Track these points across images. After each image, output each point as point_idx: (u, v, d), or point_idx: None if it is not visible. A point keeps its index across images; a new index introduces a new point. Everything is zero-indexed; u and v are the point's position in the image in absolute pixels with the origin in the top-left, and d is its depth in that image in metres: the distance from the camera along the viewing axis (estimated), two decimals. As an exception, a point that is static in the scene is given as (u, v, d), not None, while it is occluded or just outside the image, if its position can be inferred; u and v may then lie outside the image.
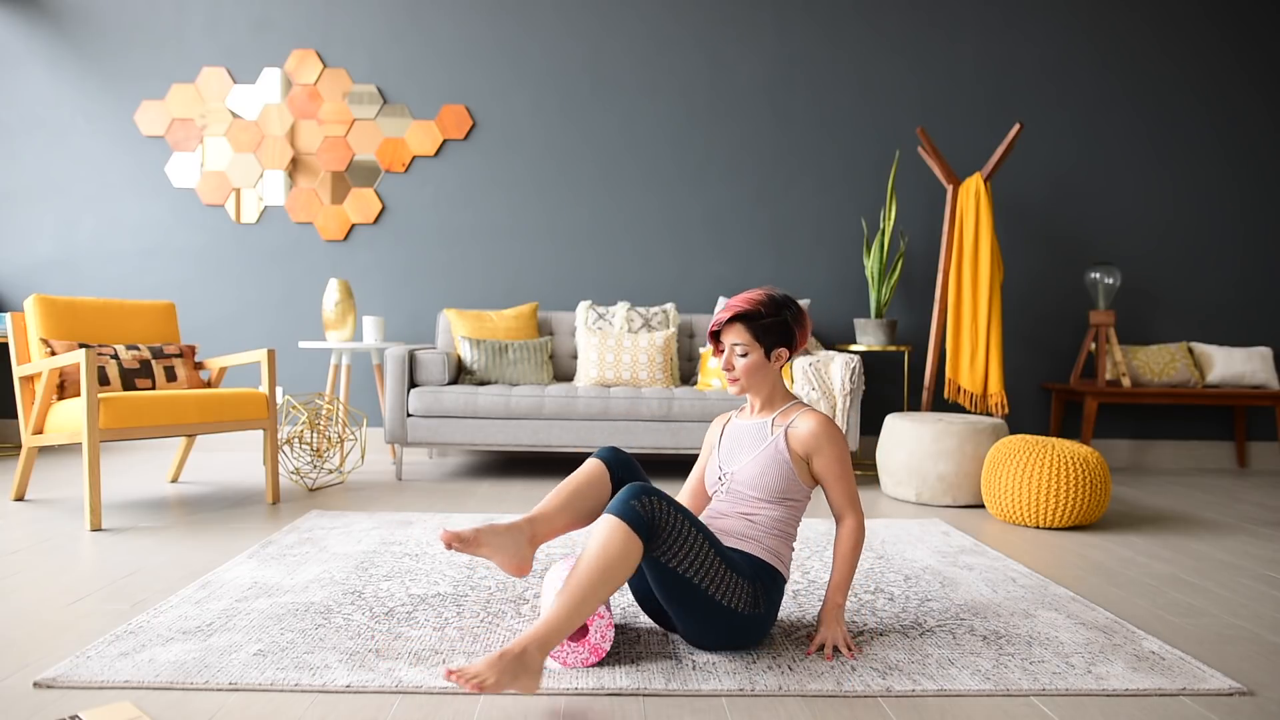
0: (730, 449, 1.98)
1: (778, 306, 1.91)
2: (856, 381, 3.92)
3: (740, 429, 1.99)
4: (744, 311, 1.89)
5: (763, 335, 1.89)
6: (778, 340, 1.90)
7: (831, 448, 1.89)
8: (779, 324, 1.90)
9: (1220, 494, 4.00)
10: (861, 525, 1.92)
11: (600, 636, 1.73)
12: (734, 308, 1.90)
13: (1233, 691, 1.67)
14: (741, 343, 1.89)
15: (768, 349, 1.90)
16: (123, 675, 1.65)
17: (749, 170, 4.82)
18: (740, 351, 1.90)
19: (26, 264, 4.74)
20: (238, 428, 3.31)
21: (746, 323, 1.89)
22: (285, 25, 4.74)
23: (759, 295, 1.91)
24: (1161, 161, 4.88)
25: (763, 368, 1.91)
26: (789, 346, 1.92)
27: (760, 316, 1.88)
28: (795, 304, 1.94)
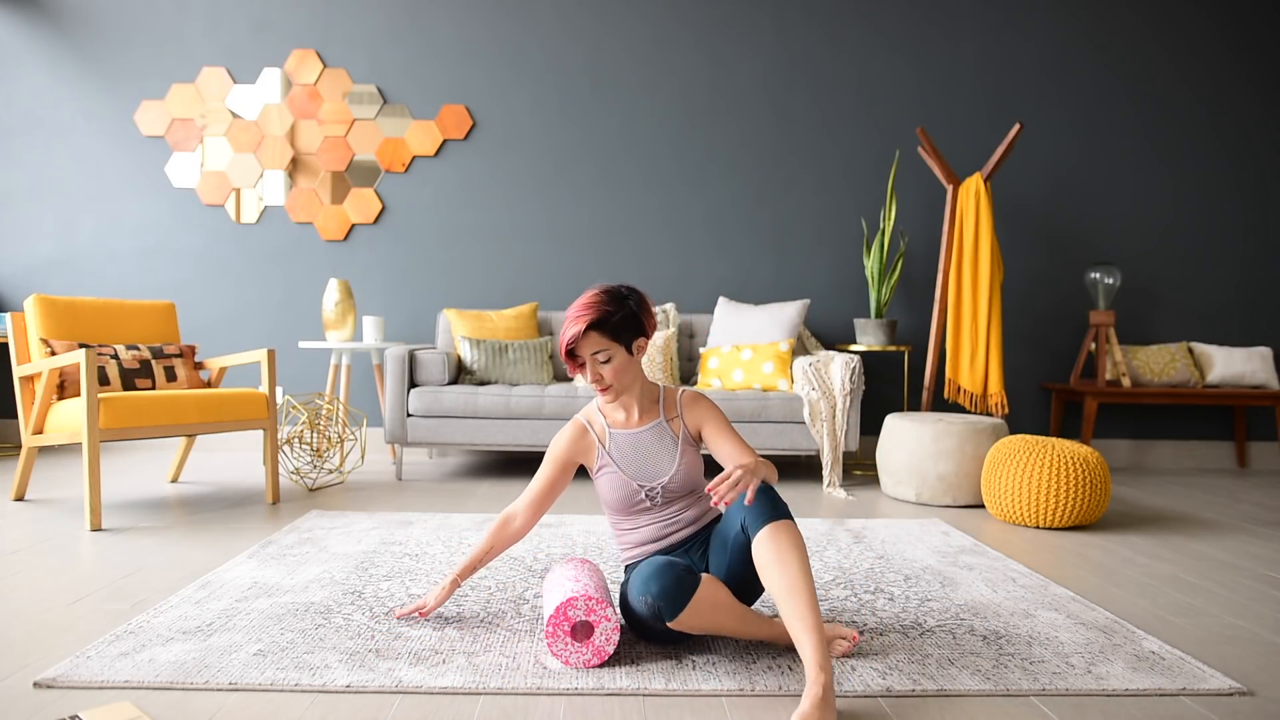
0: (638, 463, 1.92)
1: (620, 300, 1.86)
2: (856, 381, 3.92)
3: (637, 440, 1.93)
4: (595, 319, 1.82)
5: (618, 333, 1.85)
6: (633, 332, 1.87)
7: (711, 410, 1.93)
8: (627, 316, 1.86)
9: (1220, 494, 4.00)
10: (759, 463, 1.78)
11: (605, 639, 1.73)
12: (582, 318, 1.83)
13: (1233, 691, 1.67)
14: (602, 349, 1.84)
15: (627, 345, 1.87)
16: (123, 675, 1.65)
17: (749, 170, 4.82)
18: (604, 358, 1.85)
19: (26, 264, 4.74)
20: (238, 428, 3.31)
21: (600, 329, 1.83)
22: (285, 25, 4.74)
23: (597, 296, 1.86)
24: (1161, 161, 4.88)
25: (629, 364, 1.89)
26: (644, 334, 1.90)
27: (610, 317, 1.84)
28: (632, 290, 1.90)
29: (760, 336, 4.22)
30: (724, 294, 4.81)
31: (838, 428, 3.91)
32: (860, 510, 3.47)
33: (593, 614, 1.72)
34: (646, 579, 1.71)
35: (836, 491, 3.82)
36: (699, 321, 4.59)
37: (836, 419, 3.91)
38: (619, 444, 1.95)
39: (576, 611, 1.72)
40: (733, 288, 4.82)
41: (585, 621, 1.73)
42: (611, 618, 1.74)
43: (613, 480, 1.93)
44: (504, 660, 1.77)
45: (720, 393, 3.96)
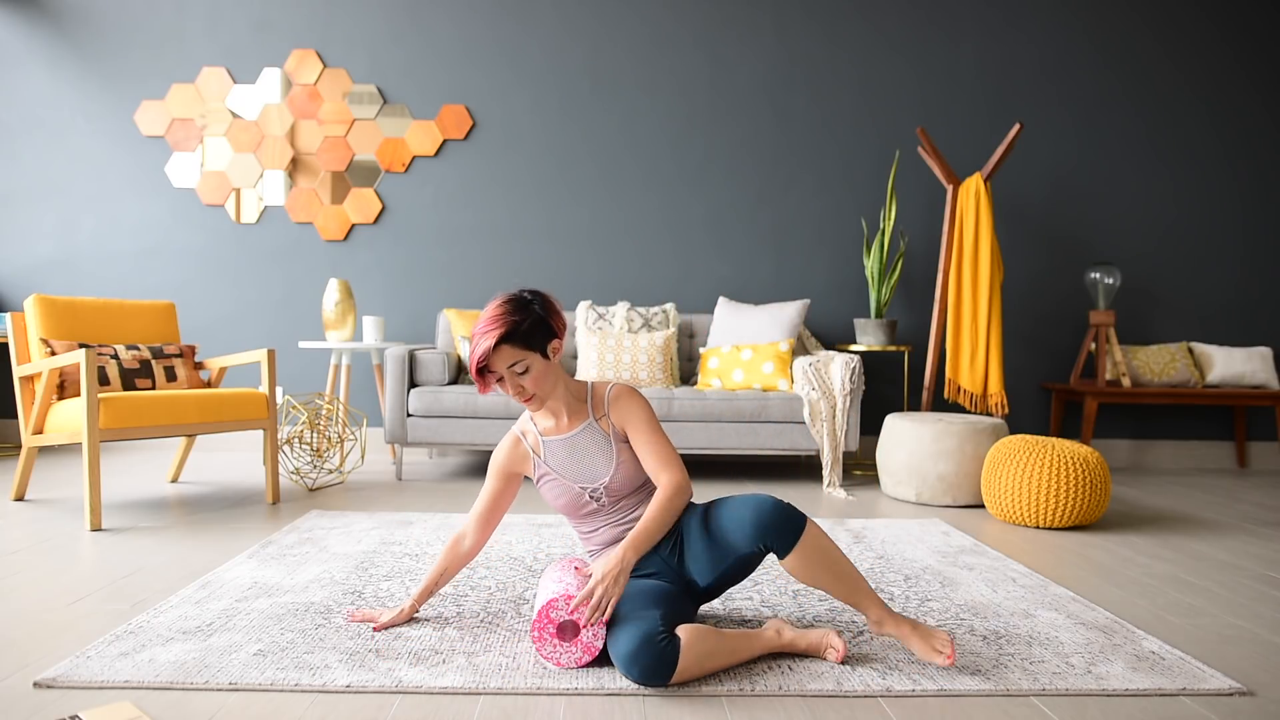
0: (575, 468, 1.88)
1: (525, 306, 1.80)
2: (856, 381, 3.92)
3: (571, 444, 1.89)
4: (504, 331, 1.75)
5: (530, 341, 1.78)
6: (545, 336, 1.81)
7: (636, 410, 1.87)
8: (535, 322, 1.79)
9: (1220, 494, 4.00)
10: (680, 482, 1.79)
11: (593, 635, 1.72)
12: (491, 333, 1.75)
13: (1233, 691, 1.67)
14: (516, 360, 1.78)
15: (542, 350, 1.81)
16: (123, 675, 1.65)
17: (749, 170, 4.82)
18: (520, 369, 1.78)
19: (26, 264, 4.74)
20: (238, 428, 3.31)
21: (511, 341, 1.76)
22: (285, 25, 4.74)
23: (501, 307, 1.78)
24: (1161, 161, 4.88)
25: (548, 369, 1.83)
26: (555, 335, 1.84)
27: (519, 326, 1.77)
28: (535, 294, 1.84)
29: (760, 336, 4.22)
30: (724, 294, 4.81)
31: (838, 428, 3.91)
32: (860, 510, 3.47)
33: (575, 611, 1.71)
34: (628, 660, 1.61)
35: (836, 491, 3.82)
36: (699, 321, 4.59)
37: (836, 419, 3.91)
38: (554, 451, 1.91)
39: (558, 612, 1.71)
40: (733, 288, 4.82)
41: (570, 621, 1.72)
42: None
43: (554, 487, 1.92)
44: (504, 660, 1.77)
45: (720, 393, 3.97)
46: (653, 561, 1.88)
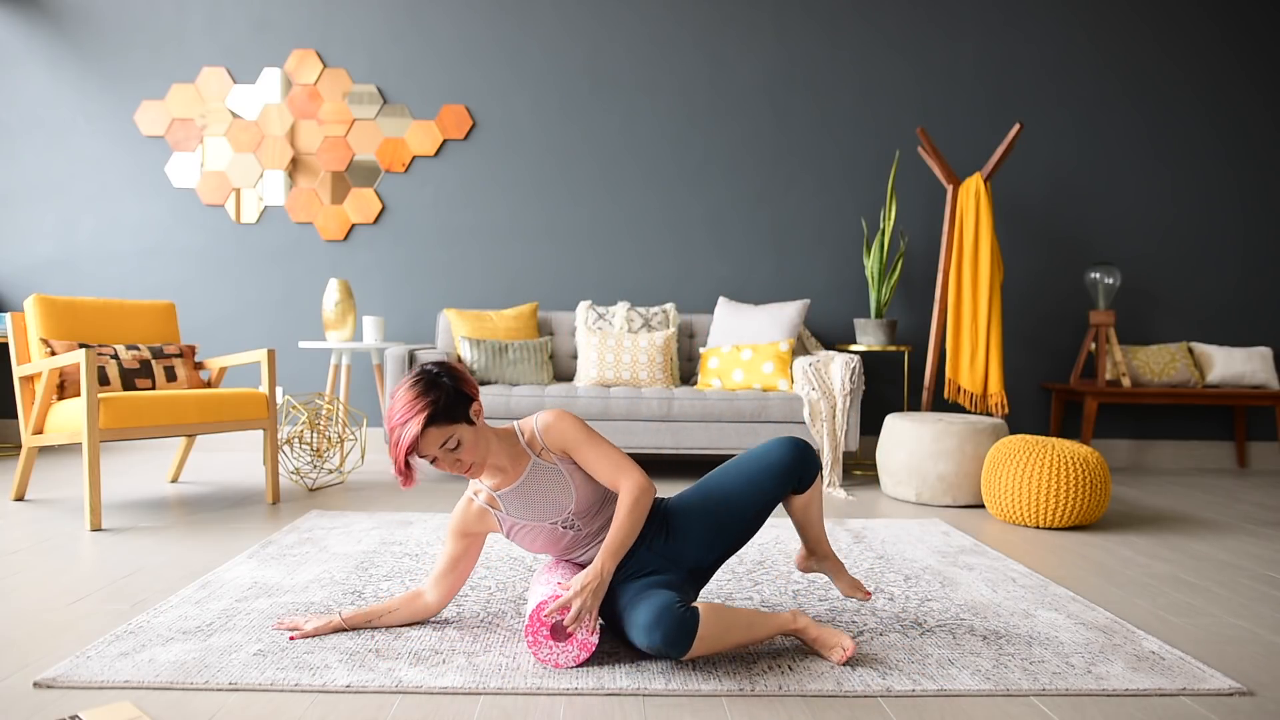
0: (539, 508, 1.85)
1: (435, 383, 1.72)
2: (856, 381, 3.92)
3: (525, 491, 1.85)
4: (428, 415, 1.69)
5: (454, 414, 1.72)
6: (463, 404, 1.74)
7: (569, 431, 1.84)
8: (450, 394, 1.72)
9: (1220, 494, 4.00)
10: (641, 483, 1.80)
11: (588, 631, 1.72)
12: (414, 419, 1.68)
13: (1233, 691, 1.67)
14: (447, 438, 1.72)
15: (466, 419, 1.74)
16: (123, 675, 1.65)
17: (749, 170, 4.82)
18: (453, 445, 1.72)
19: (26, 264, 4.74)
20: (238, 428, 3.31)
21: (436, 422, 1.70)
22: (285, 25, 4.74)
23: (413, 391, 1.71)
24: (1161, 161, 4.88)
25: (478, 435, 1.76)
26: (473, 399, 1.77)
27: (438, 404, 1.70)
28: (438, 365, 1.76)
29: (760, 336, 4.22)
30: (724, 294, 4.81)
31: (838, 428, 3.91)
32: (860, 510, 3.47)
33: (552, 617, 1.71)
34: (649, 627, 1.65)
35: (836, 491, 3.82)
36: (699, 321, 4.59)
37: (836, 419, 3.91)
38: (512, 501, 1.86)
39: (549, 614, 1.71)
40: (733, 288, 4.82)
41: (561, 621, 1.73)
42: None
43: (527, 533, 1.89)
44: (504, 660, 1.77)
45: (720, 393, 3.97)
46: (648, 559, 1.88)
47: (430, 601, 1.97)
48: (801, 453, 1.92)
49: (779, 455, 1.91)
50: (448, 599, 1.98)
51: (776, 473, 1.90)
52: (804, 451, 1.93)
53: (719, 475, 1.95)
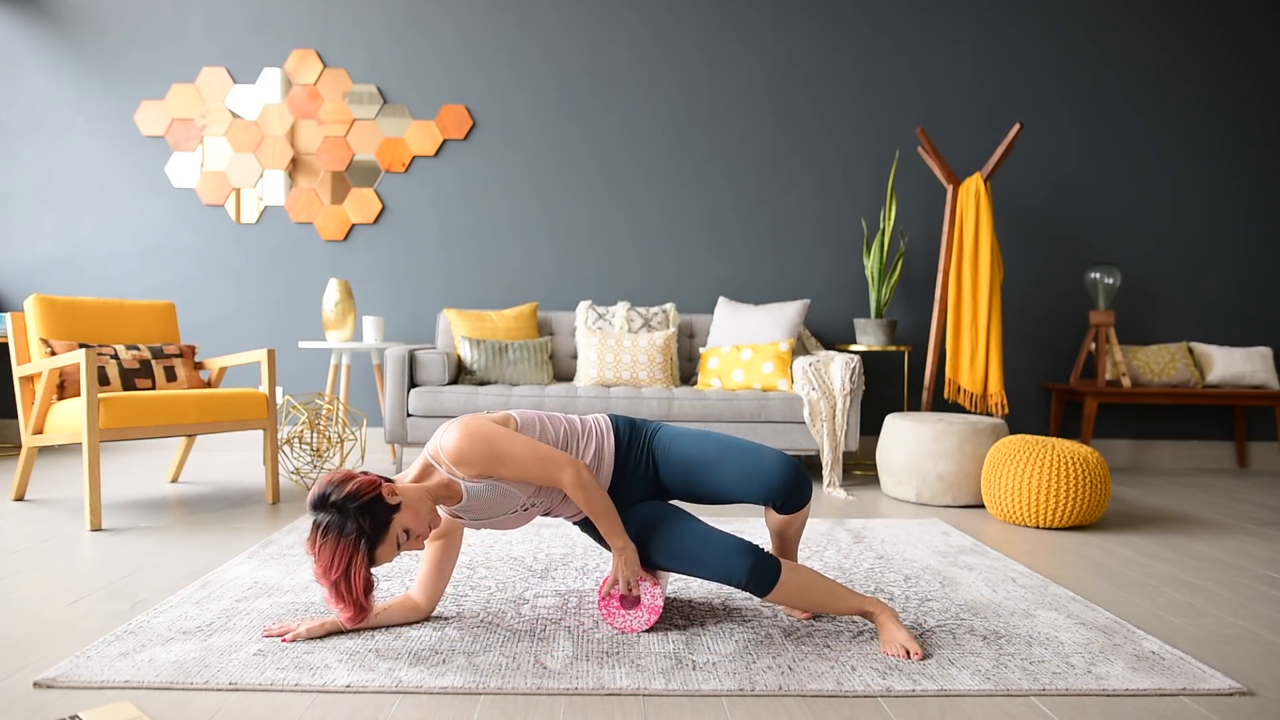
0: (495, 508, 1.86)
1: (342, 513, 1.64)
2: (856, 381, 3.92)
3: (472, 505, 1.84)
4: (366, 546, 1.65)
5: (381, 523, 1.66)
6: (379, 505, 1.67)
7: (485, 461, 1.76)
8: (362, 510, 1.65)
9: (1220, 494, 4.00)
10: (574, 476, 1.80)
11: (651, 597, 1.91)
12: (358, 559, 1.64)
13: (1233, 691, 1.67)
14: (395, 541, 1.69)
15: (392, 511, 1.68)
16: (123, 675, 1.65)
17: (749, 170, 4.82)
18: (404, 538, 1.71)
19: (26, 264, 4.74)
20: (238, 428, 3.31)
21: (375, 545, 1.66)
22: (285, 25, 4.74)
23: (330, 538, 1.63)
24: (1161, 161, 4.88)
25: (411, 507, 1.71)
26: (376, 489, 1.68)
27: (364, 530, 1.64)
28: (326, 495, 1.66)
29: (760, 336, 4.22)
30: (724, 294, 4.81)
31: (838, 428, 3.91)
32: (860, 510, 3.47)
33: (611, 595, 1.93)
34: (735, 557, 1.81)
35: (836, 491, 3.82)
36: (699, 321, 4.59)
37: (836, 419, 3.91)
38: (469, 512, 1.86)
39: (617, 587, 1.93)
40: (733, 288, 4.82)
41: (634, 594, 1.92)
42: (646, 578, 1.92)
43: (497, 524, 1.92)
44: (504, 660, 1.77)
45: (720, 393, 3.97)
46: (641, 485, 1.98)
47: (420, 604, 1.99)
48: (794, 482, 1.89)
49: (772, 476, 1.88)
50: (437, 598, 2.01)
51: (759, 489, 1.90)
52: (797, 482, 1.89)
53: (712, 451, 1.94)
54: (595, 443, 1.96)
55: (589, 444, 1.96)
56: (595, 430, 1.99)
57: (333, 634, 1.89)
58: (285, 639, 1.84)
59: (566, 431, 1.95)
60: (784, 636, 1.93)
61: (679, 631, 1.95)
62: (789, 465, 1.89)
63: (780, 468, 1.88)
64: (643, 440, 2.00)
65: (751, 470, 1.89)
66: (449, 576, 2.01)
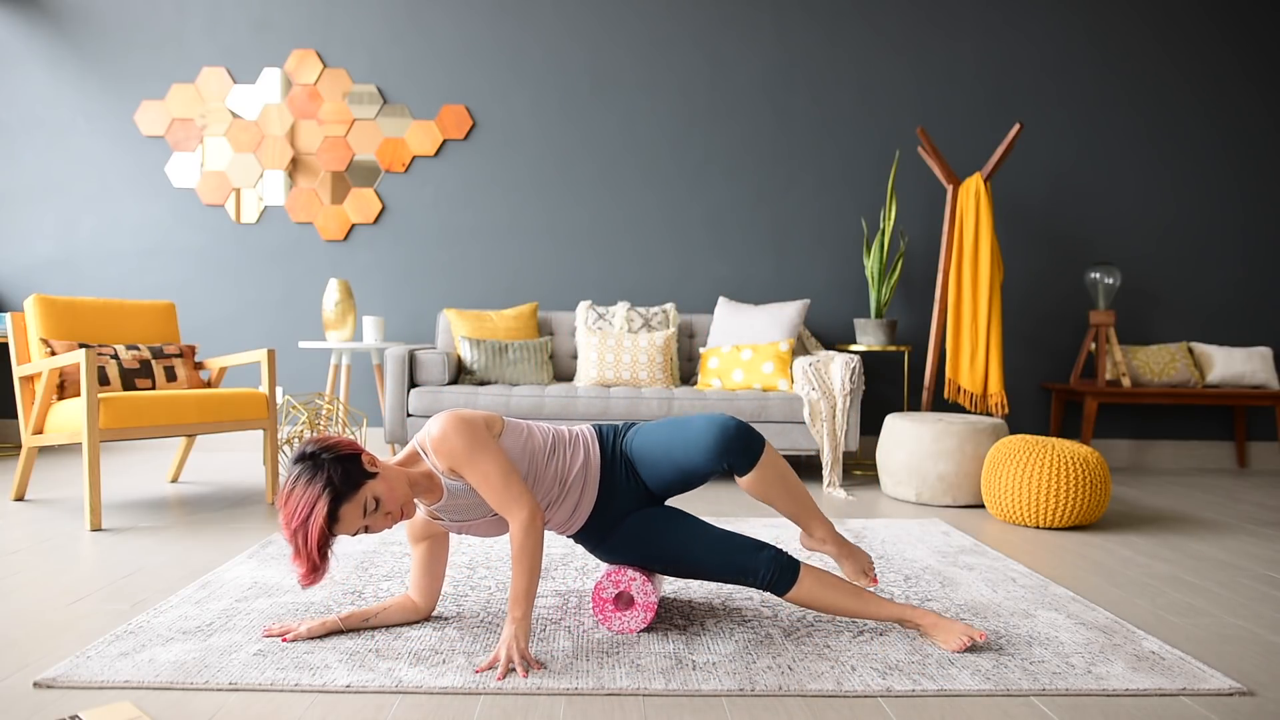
0: (474, 511, 1.85)
1: (316, 462, 1.64)
2: (856, 381, 3.92)
3: (453, 504, 1.83)
4: (330, 496, 1.61)
5: (352, 480, 1.64)
6: (354, 464, 1.66)
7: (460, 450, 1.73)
8: (337, 462, 1.64)
9: (1220, 494, 4.00)
10: (527, 519, 1.74)
11: (645, 595, 1.91)
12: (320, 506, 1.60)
13: (1233, 691, 1.67)
14: (362, 504, 1.66)
15: (366, 475, 1.67)
16: (123, 675, 1.65)
17: (749, 170, 4.82)
18: (372, 506, 1.67)
19: (26, 264, 4.74)
20: (238, 428, 3.31)
21: (343, 498, 1.63)
22: (285, 25, 4.74)
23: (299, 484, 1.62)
24: (1161, 161, 4.88)
25: (387, 481, 1.70)
26: (356, 453, 1.69)
27: (334, 481, 1.62)
28: (311, 446, 1.67)
29: (760, 336, 4.22)
30: (724, 294, 4.81)
31: (838, 428, 3.91)
32: (860, 510, 3.47)
33: (620, 584, 1.93)
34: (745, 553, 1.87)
35: (836, 491, 3.82)
36: (699, 321, 4.59)
37: (836, 419, 3.91)
38: (448, 512, 1.86)
39: (606, 590, 1.93)
40: (733, 288, 4.82)
41: (622, 592, 1.93)
42: (638, 577, 1.92)
43: (477, 529, 1.90)
44: (504, 660, 1.76)
45: (720, 393, 3.97)
46: (629, 493, 1.94)
47: (420, 604, 1.98)
48: (726, 440, 1.80)
49: (705, 438, 1.82)
50: (434, 599, 2.00)
51: (701, 457, 1.83)
52: (729, 438, 1.80)
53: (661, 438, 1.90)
54: (584, 454, 1.92)
55: (576, 452, 1.92)
56: (582, 440, 1.96)
57: (333, 634, 1.89)
58: (285, 639, 1.84)
59: (554, 439, 1.92)
60: (784, 636, 1.93)
61: (679, 631, 1.95)
62: (718, 424, 1.82)
63: (709, 429, 1.82)
64: (619, 447, 1.96)
65: (691, 441, 1.84)
66: (442, 577, 2.00)
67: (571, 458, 1.91)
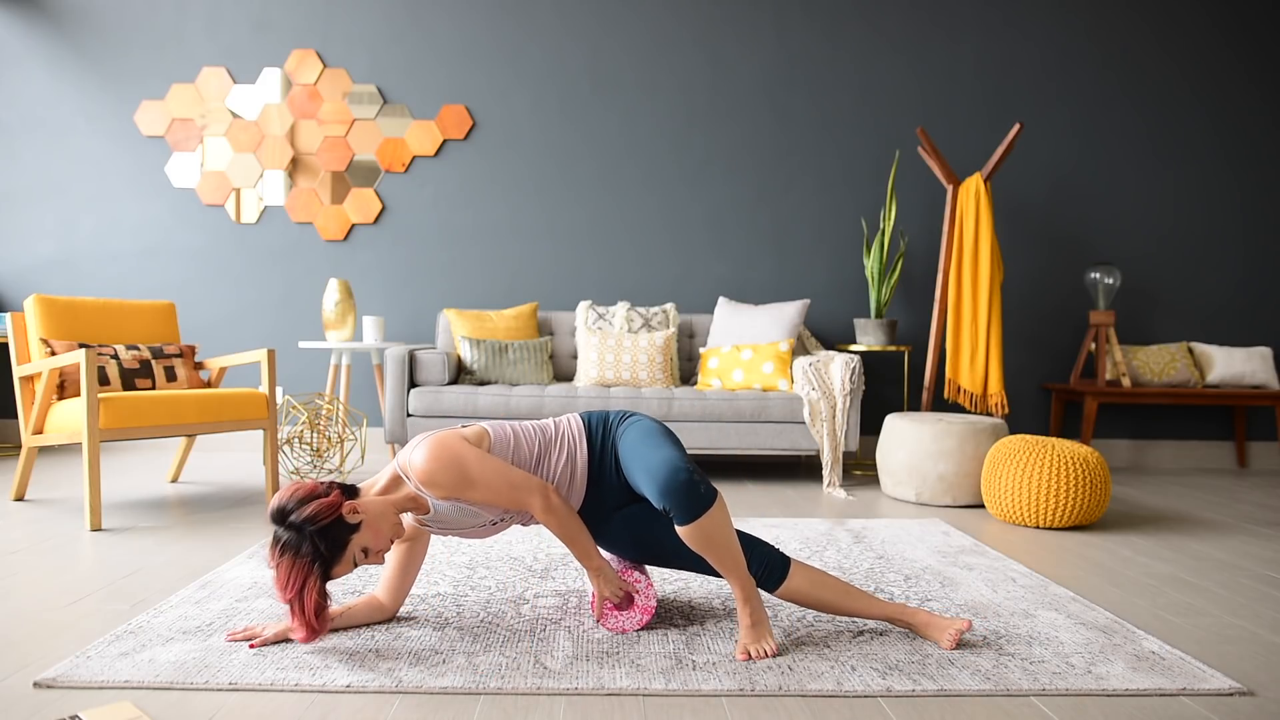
0: (461, 521, 1.86)
1: (299, 533, 1.63)
2: (856, 381, 3.92)
3: (438, 518, 1.84)
4: (320, 571, 1.65)
5: (338, 545, 1.66)
6: (337, 525, 1.66)
7: (454, 485, 1.74)
8: (321, 531, 1.64)
9: (1220, 494, 4.00)
10: (543, 503, 1.78)
11: (644, 599, 1.92)
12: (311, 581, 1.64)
13: (1233, 691, 1.67)
14: (351, 560, 1.69)
15: (351, 531, 1.68)
16: (123, 675, 1.65)
17: (749, 170, 4.82)
18: (361, 557, 1.71)
19: (26, 264, 4.74)
20: (238, 428, 3.31)
21: (332, 566, 1.66)
22: (285, 25, 4.74)
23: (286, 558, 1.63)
24: (1161, 161, 4.88)
25: (372, 524, 1.70)
26: (336, 509, 1.67)
27: (320, 553, 1.64)
28: (285, 514, 1.65)
29: (760, 336, 4.22)
30: (724, 294, 4.81)
31: (838, 428, 3.91)
32: (860, 510, 3.47)
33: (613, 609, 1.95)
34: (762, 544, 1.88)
35: (836, 491, 3.82)
36: (699, 321, 4.59)
37: (836, 419, 3.91)
38: (435, 523, 1.86)
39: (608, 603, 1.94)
40: (733, 288, 4.82)
41: (628, 595, 1.94)
42: (640, 579, 1.94)
43: (465, 535, 1.91)
44: (504, 660, 1.77)
45: (720, 393, 3.97)
46: (618, 494, 1.94)
47: (385, 604, 1.98)
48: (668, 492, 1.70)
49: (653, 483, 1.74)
50: (401, 598, 1.99)
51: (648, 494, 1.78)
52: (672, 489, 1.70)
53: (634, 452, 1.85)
54: (567, 452, 1.91)
55: (560, 454, 1.90)
56: (568, 438, 1.93)
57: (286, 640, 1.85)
58: (253, 645, 1.80)
59: (541, 445, 1.90)
60: (784, 636, 1.93)
61: (679, 631, 1.95)
62: (669, 470, 1.72)
63: (662, 470, 1.73)
64: (609, 443, 1.94)
65: (649, 472, 1.76)
66: (414, 578, 1.99)
67: (558, 458, 1.91)
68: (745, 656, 1.78)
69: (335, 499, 1.68)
